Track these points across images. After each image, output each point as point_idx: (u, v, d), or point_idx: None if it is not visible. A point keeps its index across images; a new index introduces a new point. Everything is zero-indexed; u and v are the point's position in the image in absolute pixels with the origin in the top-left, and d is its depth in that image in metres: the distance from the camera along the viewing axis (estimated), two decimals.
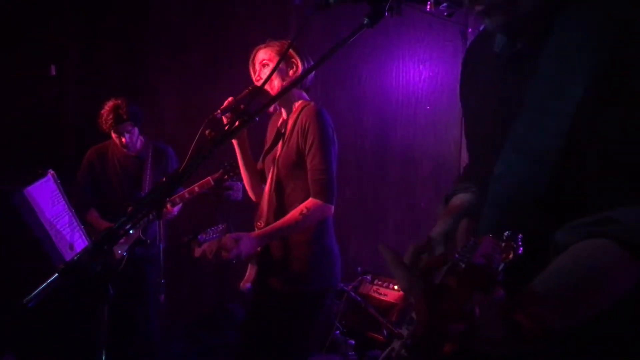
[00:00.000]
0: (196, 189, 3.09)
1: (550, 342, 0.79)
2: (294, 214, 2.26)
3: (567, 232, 0.89)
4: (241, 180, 2.72)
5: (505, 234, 0.77)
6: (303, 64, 2.35)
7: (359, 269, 4.15)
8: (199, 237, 2.29)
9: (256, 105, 2.04)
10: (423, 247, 1.03)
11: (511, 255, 0.75)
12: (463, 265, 0.79)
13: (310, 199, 2.26)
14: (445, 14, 4.70)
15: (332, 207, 2.29)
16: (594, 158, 0.90)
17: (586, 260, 0.86)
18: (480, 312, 0.74)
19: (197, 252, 2.24)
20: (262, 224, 2.40)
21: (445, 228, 1.14)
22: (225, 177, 2.88)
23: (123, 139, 3.45)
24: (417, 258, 1.00)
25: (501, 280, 0.74)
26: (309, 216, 2.24)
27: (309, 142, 2.26)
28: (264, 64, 2.35)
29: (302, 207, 2.25)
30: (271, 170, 2.42)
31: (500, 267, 0.74)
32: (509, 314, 0.77)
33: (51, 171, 2.51)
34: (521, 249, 0.76)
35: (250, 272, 2.43)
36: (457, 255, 0.82)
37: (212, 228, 2.34)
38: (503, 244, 0.76)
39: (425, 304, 0.80)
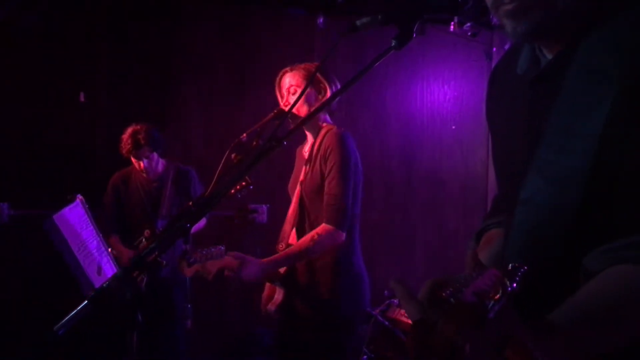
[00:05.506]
0: None
1: None
2: (305, 240, 2.24)
3: (595, 258, 0.86)
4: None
5: (509, 266, 0.75)
6: (331, 88, 2.34)
7: (386, 292, 4.08)
8: (187, 257, 2.17)
9: (284, 129, 2.03)
10: (440, 283, 0.97)
11: (498, 296, 0.73)
12: (453, 302, 0.77)
13: (323, 224, 2.23)
14: (469, 34, 4.67)
15: (344, 235, 2.24)
16: (622, 180, 0.86)
17: (614, 287, 0.83)
18: (470, 349, 0.73)
19: (188, 272, 2.16)
20: (284, 246, 2.37)
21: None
22: (232, 191, 2.74)
23: (141, 164, 3.49)
24: (433, 293, 0.96)
25: (493, 318, 0.72)
26: (320, 242, 2.21)
27: (329, 166, 2.25)
28: (292, 90, 2.33)
29: (314, 233, 2.23)
30: (295, 192, 2.41)
31: (490, 305, 0.72)
32: (500, 351, 0.75)
33: (79, 196, 2.53)
34: (515, 285, 0.73)
35: (278, 296, 2.39)
36: (448, 291, 0.80)
37: (208, 249, 2.21)
38: (500, 280, 0.75)
39: (415, 339, 0.80)
